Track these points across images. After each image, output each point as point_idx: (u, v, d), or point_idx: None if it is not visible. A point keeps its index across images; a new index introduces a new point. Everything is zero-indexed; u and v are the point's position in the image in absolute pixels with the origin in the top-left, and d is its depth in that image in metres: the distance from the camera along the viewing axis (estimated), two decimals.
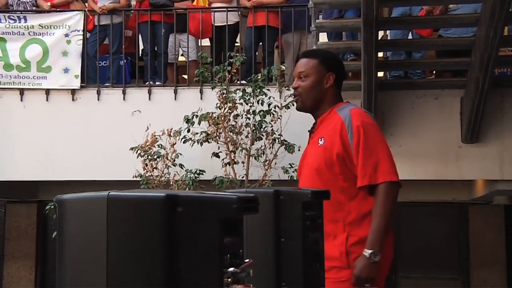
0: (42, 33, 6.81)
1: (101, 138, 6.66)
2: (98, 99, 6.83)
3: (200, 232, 1.08)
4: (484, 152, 6.17)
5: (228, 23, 6.88)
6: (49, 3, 7.13)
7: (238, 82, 6.71)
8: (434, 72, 7.35)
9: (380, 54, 6.71)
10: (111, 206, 1.06)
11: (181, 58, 7.48)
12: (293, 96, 2.93)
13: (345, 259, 2.54)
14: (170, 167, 6.23)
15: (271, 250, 1.96)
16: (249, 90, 6.21)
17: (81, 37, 6.84)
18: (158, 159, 6.18)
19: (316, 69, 2.67)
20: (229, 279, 1.11)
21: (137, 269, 1.05)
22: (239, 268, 1.14)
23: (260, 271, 1.95)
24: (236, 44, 7.30)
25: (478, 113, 5.78)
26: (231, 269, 1.11)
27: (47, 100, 6.86)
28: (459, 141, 6.22)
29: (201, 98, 6.66)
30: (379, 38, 6.47)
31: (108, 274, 1.04)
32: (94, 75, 6.92)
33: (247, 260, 1.21)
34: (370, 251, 2.48)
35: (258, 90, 6.11)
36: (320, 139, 2.64)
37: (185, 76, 7.48)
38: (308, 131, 2.78)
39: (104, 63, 7.18)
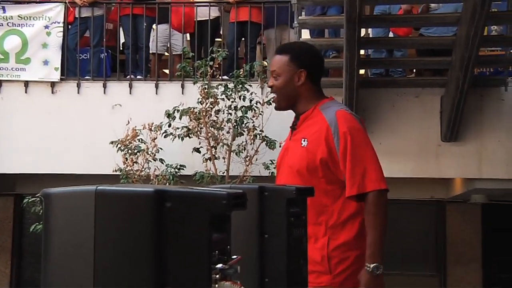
0: (21, 24, 6.71)
1: (81, 132, 6.59)
2: (78, 92, 6.76)
3: (189, 228, 1.07)
4: (463, 151, 6.25)
5: (205, 19, 6.85)
6: None
7: (220, 77, 6.69)
8: (414, 70, 7.41)
9: (362, 52, 6.75)
10: (99, 200, 1.05)
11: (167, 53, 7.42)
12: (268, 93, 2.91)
13: (327, 264, 2.51)
14: (151, 161, 6.20)
15: (255, 246, 1.96)
16: (231, 85, 6.19)
17: (62, 29, 6.75)
18: (138, 154, 6.14)
19: (286, 67, 2.59)
20: (217, 276, 1.10)
21: (125, 264, 1.04)
22: (227, 265, 1.13)
23: (243, 267, 1.94)
24: (217, 39, 7.28)
25: (458, 112, 5.85)
26: (219, 265, 1.11)
27: (26, 92, 6.77)
28: (438, 139, 6.28)
29: (182, 93, 6.63)
30: (366, 37, 6.53)
31: (96, 269, 1.03)
32: (74, 67, 6.85)
33: (234, 257, 1.21)
34: (372, 265, 2.44)
35: (240, 86, 6.10)
36: (303, 140, 2.57)
37: (166, 71, 7.44)
38: (290, 127, 2.72)
39: (85, 56, 7.11)
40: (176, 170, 6.16)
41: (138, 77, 6.91)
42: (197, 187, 1.16)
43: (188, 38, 7.21)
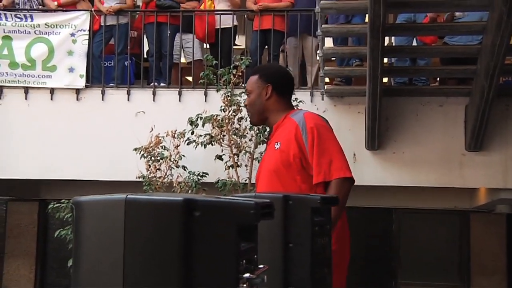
0: (48, 32, 6.81)
1: (105, 138, 6.65)
2: (103, 99, 6.83)
3: (217, 237, 1.08)
4: (488, 161, 6.17)
5: (227, 26, 6.88)
6: (56, 3, 7.13)
7: (243, 85, 6.71)
8: (438, 79, 7.35)
9: (385, 60, 6.72)
10: (128, 209, 1.06)
11: (184, 60, 7.47)
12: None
13: None
14: (173, 168, 6.23)
15: (279, 255, 1.96)
16: None
17: (87, 37, 6.84)
18: (161, 161, 6.17)
19: (255, 85, 2.87)
20: (244, 285, 1.10)
21: (153, 272, 1.05)
22: (254, 274, 1.13)
23: (268, 276, 1.96)
24: (234, 47, 7.31)
25: (483, 121, 5.78)
26: (247, 274, 1.11)
27: (51, 99, 6.86)
28: (462, 149, 6.22)
29: (205, 101, 6.66)
30: (390, 45, 6.50)
31: (125, 277, 1.04)
32: (99, 75, 6.93)
33: (261, 266, 1.21)
34: None
35: None
36: (276, 144, 2.80)
37: (189, 78, 7.48)
38: (265, 139, 2.96)
39: (109, 63, 7.18)
40: (199, 177, 6.18)
41: (162, 84, 6.96)
42: (225, 197, 1.17)
43: (208, 46, 7.25)
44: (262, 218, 1.15)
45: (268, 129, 6.20)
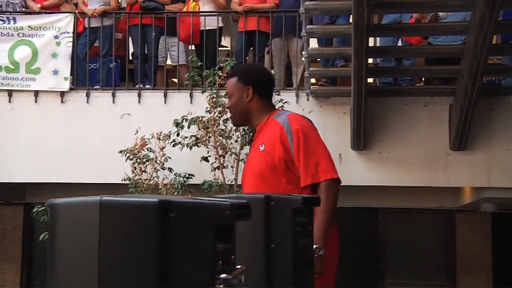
0: (32, 35, 6.77)
1: (90, 141, 6.62)
2: (87, 102, 6.79)
3: (193, 238, 1.08)
4: (472, 160, 6.22)
5: (212, 28, 6.87)
6: (39, 5, 7.09)
7: None
8: (423, 79, 7.40)
9: (370, 61, 6.75)
10: (103, 211, 1.06)
11: (170, 62, 7.46)
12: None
13: None
14: (159, 170, 6.21)
15: (261, 255, 1.96)
16: None
17: (71, 39, 6.80)
18: (147, 163, 6.16)
19: (235, 87, 2.85)
20: (221, 285, 1.10)
21: (129, 274, 1.05)
22: (231, 275, 1.13)
23: (250, 277, 1.95)
24: (220, 49, 7.31)
25: (467, 121, 5.82)
26: (223, 275, 1.11)
27: (35, 102, 6.82)
28: (447, 148, 6.26)
29: (191, 102, 6.65)
30: (369, 45, 6.52)
31: (100, 279, 1.04)
32: (83, 77, 6.89)
33: (239, 267, 1.21)
34: (314, 246, 2.55)
35: None
36: (260, 146, 2.78)
37: (175, 80, 7.47)
38: (248, 141, 2.94)
39: (94, 66, 7.15)
40: (185, 179, 6.17)
41: (147, 86, 6.94)
42: (201, 198, 1.17)
43: (193, 48, 7.24)
44: (239, 218, 1.15)
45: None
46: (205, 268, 1.07)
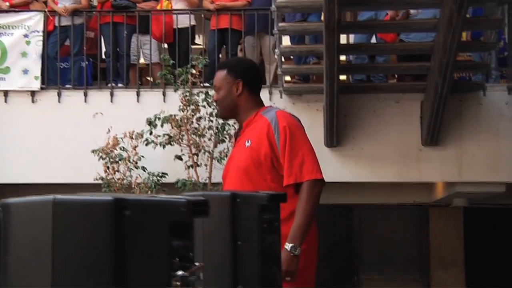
0: (0, 33, 6.67)
1: (62, 141, 6.55)
2: (59, 101, 6.72)
3: (149, 236, 1.07)
4: (444, 155, 6.30)
5: (185, 26, 6.85)
6: (7, 3, 6.98)
7: (202, 84, 6.69)
8: (396, 76, 7.46)
9: (343, 58, 6.79)
10: (57, 210, 1.05)
11: (143, 60, 7.42)
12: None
13: None
14: (132, 170, 6.18)
15: (228, 253, 1.96)
16: (212, 92, 6.19)
17: (41, 38, 6.72)
18: (120, 162, 6.12)
19: (224, 80, 2.78)
20: (178, 283, 1.10)
21: (84, 273, 1.04)
22: (188, 272, 1.13)
23: (217, 274, 1.96)
24: (193, 47, 7.29)
25: (438, 117, 5.89)
26: (180, 272, 1.11)
27: (5, 102, 6.72)
28: (419, 144, 6.33)
29: (164, 101, 6.62)
30: (344, 42, 6.56)
31: (54, 278, 1.03)
32: (54, 76, 6.81)
33: (197, 264, 1.21)
34: (291, 245, 2.57)
35: None
36: (246, 141, 2.72)
37: (150, 79, 7.43)
38: (233, 135, 2.90)
39: (66, 65, 7.07)
40: (158, 178, 6.15)
41: (119, 85, 6.89)
42: (159, 195, 1.16)
43: (166, 46, 7.21)
44: (195, 215, 1.14)
45: (227, 128, 6.21)
46: (161, 265, 1.07)
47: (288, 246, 2.57)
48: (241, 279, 1.96)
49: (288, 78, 6.83)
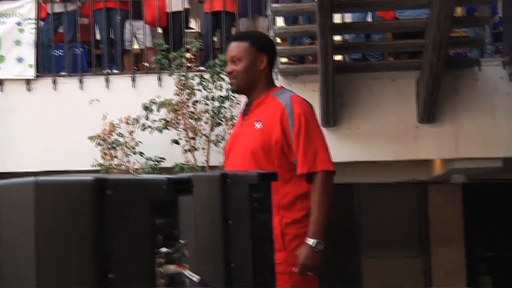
0: None
1: (59, 128, 6.56)
2: (55, 89, 6.72)
3: (131, 214, 1.09)
4: (440, 132, 6.30)
5: (178, 10, 6.82)
6: None
7: (197, 68, 6.68)
8: (393, 55, 7.43)
9: (339, 38, 6.77)
10: (39, 191, 1.06)
11: (137, 46, 7.39)
12: (229, 80, 2.85)
13: (281, 241, 2.60)
14: (130, 155, 6.19)
15: (219, 232, 1.98)
16: (207, 76, 6.19)
17: (34, 25, 6.70)
18: (117, 148, 6.13)
19: (247, 52, 2.67)
20: (162, 260, 1.12)
21: (67, 253, 1.05)
22: (172, 249, 1.15)
23: (209, 253, 1.98)
24: (187, 31, 7.27)
25: (433, 94, 5.89)
26: (164, 249, 1.12)
27: (1, 91, 6.73)
28: (415, 121, 6.33)
29: (159, 85, 6.61)
30: (340, 22, 6.53)
31: (38, 259, 1.04)
32: (49, 64, 6.80)
33: (182, 241, 1.22)
34: (315, 241, 2.58)
35: (216, 76, 6.10)
36: (256, 122, 2.66)
37: (147, 64, 7.42)
38: (241, 112, 2.82)
39: (60, 52, 7.06)
40: (156, 162, 6.16)
41: (114, 71, 6.88)
42: (141, 175, 1.18)
43: (160, 31, 7.18)
44: (178, 194, 1.16)
45: (223, 111, 6.21)
46: (144, 243, 1.08)
47: (312, 242, 2.57)
48: (234, 257, 1.98)
49: (284, 59, 6.81)
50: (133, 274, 1.07)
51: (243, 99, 6.17)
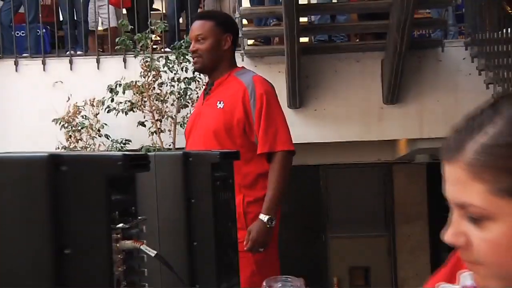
0: None
1: (22, 111, 6.45)
2: (16, 70, 6.59)
3: (86, 191, 1.08)
4: (405, 112, 6.39)
5: None
6: None
7: (163, 50, 6.63)
8: (358, 36, 7.48)
9: (305, 19, 6.78)
10: None
11: (101, 27, 7.29)
12: (192, 59, 2.88)
13: (243, 220, 2.64)
14: (96, 137, 6.13)
15: (182, 211, 1.99)
16: (172, 57, 6.14)
17: None
18: (82, 130, 6.06)
19: (213, 31, 2.71)
20: (119, 235, 1.12)
21: (22, 230, 1.05)
22: (128, 224, 1.15)
23: (172, 232, 1.99)
24: (153, 12, 7.19)
25: (397, 75, 5.96)
26: (120, 225, 1.13)
27: None
28: (380, 102, 6.40)
29: (125, 67, 6.54)
30: (305, 3, 6.54)
31: None
32: (10, 45, 6.66)
33: (140, 218, 1.23)
34: (267, 217, 2.61)
35: (182, 57, 6.06)
36: (218, 102, 2.69)
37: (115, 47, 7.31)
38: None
39: (23, 33, 6.91)
40: (122, 145, 6.12)
41: (78, 52, 6.78)
42: (98, 152, 1.17)
43: (125, 12, 7.09)
44: (133, 170, 1.16)
45: (189, 93, 6.18)
46: (100, 218, 1.09)
47: (264, 217, 2.60)
48: (196, 236, 1.99)
49: (251, 41, 6.80)
50: (89, 250, 1.08)
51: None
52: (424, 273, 7.99)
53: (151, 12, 7.04)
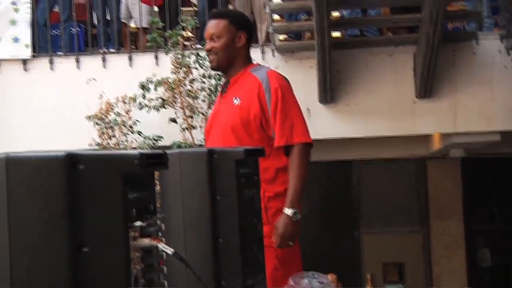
0: None
1: (56, 108, 6.56)
2: (51, 69, 6.71)
3: (103, 189, 1.09)
4: (438, 107, 6.29)
5: None
6: None
7: (194, 46, 6.65)
8: (390, 30, 7.38)
9: (337, 14, 6.71)
10: (10, 167, 1.07)
11: (134, 25, 7.36)
12: (208, 58, 2.91)
13: (264, 215, 2.62)
14: (128, 134, 6.20)
15: (207, 208, 1.99)
16: (203, 54, 6.15)
17: (30, 5, 6.66)
18: (114, 127, 6.14)
19: (226, 30, 2.74)
20: (136, 233, 1.13)
21: (40, 228, 1.07)
22: (146, 222, 1.16)
23: (197, 229, 2.00)
24: (188, 9, 7.23)
25: (430, 68, 5.87)
26: (138, 223, 1.13)
27: None
28: (413, 96, 6.31)
29: (156, 64, 6.60)
30: None
31: (11, 235, 1.05)
32: (45, 44, 6.78)
33: (159, 215, 1.23)
34: (292, 210, 2.61)
35: None
36: (235, 99, 2.70)
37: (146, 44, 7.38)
38: (220, 91, 2.85)
39: (57, 32, 7.03)
40: (154, 141, 6.17)
41: (111, 50, 6.86)
42: (115, 150, 1.18)
43: (157, 9, 7.14)
44: (151, 168, 1.16)
45: (220, 89, 6.20)
46: (118, 216, 1.09)
47: (289, 211, 2.61)
48: (222, 232, 2.00)
49: (282, 36, 6.77)
50: (107, 248, 1.08)
51: None
52: (460, 269, 7.86)
53: (182, 8, 7.08)
